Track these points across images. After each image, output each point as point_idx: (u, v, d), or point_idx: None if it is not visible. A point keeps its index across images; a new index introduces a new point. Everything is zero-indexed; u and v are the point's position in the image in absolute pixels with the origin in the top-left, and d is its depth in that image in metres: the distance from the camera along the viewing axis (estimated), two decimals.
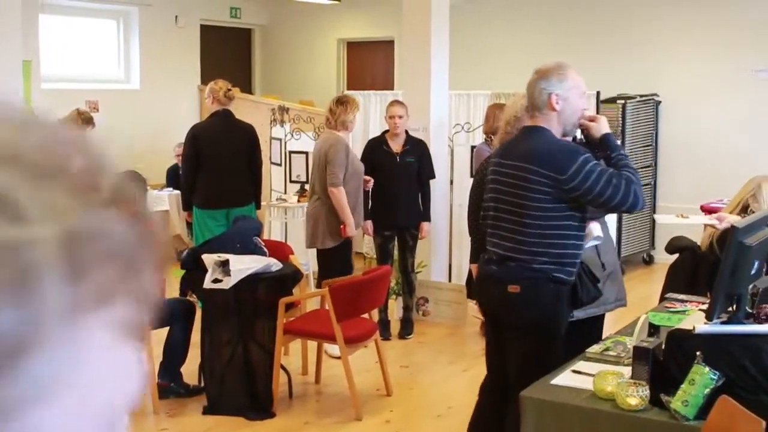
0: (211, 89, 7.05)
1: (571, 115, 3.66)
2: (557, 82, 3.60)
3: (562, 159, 3.53)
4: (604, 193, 3.53)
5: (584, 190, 3.53)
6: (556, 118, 3.62)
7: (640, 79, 10.04)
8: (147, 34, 11.84)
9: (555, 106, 3.59)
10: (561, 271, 3.59)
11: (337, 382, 5.84)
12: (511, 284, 3.60)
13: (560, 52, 10.47)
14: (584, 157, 3.55)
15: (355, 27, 12.94)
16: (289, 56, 13.57)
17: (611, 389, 3.00)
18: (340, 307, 5.19)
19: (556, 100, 3.59)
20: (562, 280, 3.61)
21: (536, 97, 3.63)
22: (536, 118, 3.68)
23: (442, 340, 6.99)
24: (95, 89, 11.27)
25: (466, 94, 9.14)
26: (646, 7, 10.13)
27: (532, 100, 3.67)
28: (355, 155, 6.64)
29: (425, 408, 5.50)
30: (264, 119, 10.41)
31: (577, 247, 3.65)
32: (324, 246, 6.42)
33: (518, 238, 3.59)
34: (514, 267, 3.59)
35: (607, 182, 3.52)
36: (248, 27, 13.76)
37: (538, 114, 3.66)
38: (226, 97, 7.04)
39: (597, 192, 3.53)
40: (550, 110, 3.60)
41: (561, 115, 3.62)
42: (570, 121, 3.68)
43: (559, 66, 3.65)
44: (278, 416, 5.25)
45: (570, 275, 3.63)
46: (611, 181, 3.53)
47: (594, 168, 3.54)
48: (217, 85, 7.05)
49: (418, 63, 7.65)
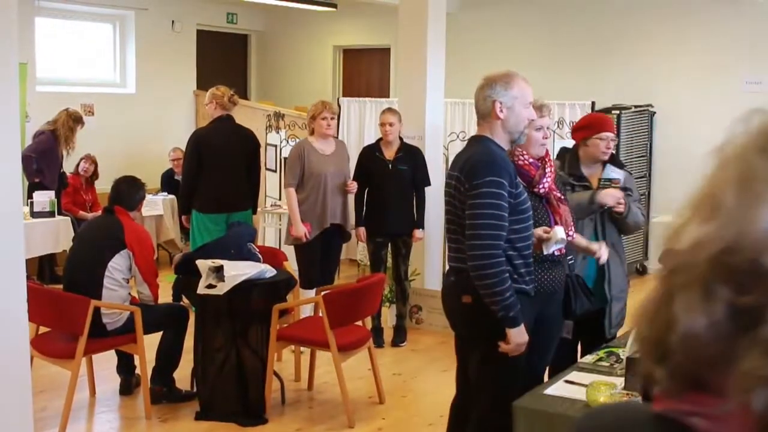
0: (213, 95, 7.09)
1: (516, 123, 3.59)
2: (502, 90, 3.56)
3: (476, 169, 3.47)
4: (476, 228, 3.43)
5: (469, 208, 3.46)
6: (500, 126, 3.59)
7: (635, 89, 10.07)
8: (143, 39, 11.84)
9: (498, 114, 3.56)
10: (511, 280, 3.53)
11: (329, 388, 5.84)
12: (464, 295, 3.57)
13: (556, 62, 10.52)
14: (498, 180, 3.44)
15: (351, 34, 12.96)
16: (285, 62, 13.58)
17: (604, 399, 3.00)
18: (334, 314, 5.19)
19: (500, 108, 3.55)
20: (515, 289, 3.53)
21: (481, 104, 3.61)
22: (480, 126, 3.66)
23: (435, 348, 6.98)
24: (91, 93, 11.26)
25: (461, 103, 9.15)
26: (641, 19, 10.16)
27: (476, 107, 3.64)
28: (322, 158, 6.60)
29: (418, 416, 5.50)
30: (260, 125, 10.41)
31: (524, 257, 3.56)
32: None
33: (463, 248, 3.56)
34: (466, 277, 3.54)
35: (487, 225, 3.42)
36: (245, 33, 13.77)
37: (483, 122, 3.63)
38: (231, 102, 7.11)
39: (473, 222, 3.44)
40: (494, 118, 3.58)
41: (506, 123, 3.58)
42: (516, 130, 3.61)
43: (507, 74, 3.61)
44: (270, 422, 5.25)
45: (525, 283, 3.55)
46: (490, 230, 3.42)
47: (495, 199, 3.43)
48: (219, 90, 7.11)
49: (414, 71, 7.66)
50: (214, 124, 7.09)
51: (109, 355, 5.67)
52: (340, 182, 6.67)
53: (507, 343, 3.46)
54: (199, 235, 7.01)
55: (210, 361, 5.29)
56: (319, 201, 6.56)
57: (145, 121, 11.36)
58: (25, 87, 9.15)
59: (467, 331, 3.70)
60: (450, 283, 3.70)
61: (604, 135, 4.53)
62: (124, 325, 5.23)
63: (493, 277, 3.41)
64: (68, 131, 9.08)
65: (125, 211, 5.43)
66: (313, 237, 6.56)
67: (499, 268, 3.42)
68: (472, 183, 3.44)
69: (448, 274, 3.74)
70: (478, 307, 3.51)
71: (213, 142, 6.99)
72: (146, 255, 5.38)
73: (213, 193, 7.00)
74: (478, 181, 3.43)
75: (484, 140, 3.60)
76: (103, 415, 5.44)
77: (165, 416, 5.34)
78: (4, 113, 4.09)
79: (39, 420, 4.96)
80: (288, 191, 6.61)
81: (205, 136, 7.07)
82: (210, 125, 7.15)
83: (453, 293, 3.66)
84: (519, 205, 3.51)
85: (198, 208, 7.07)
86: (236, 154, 7.04)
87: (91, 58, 11.65)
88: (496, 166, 3.48)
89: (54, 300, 5.15)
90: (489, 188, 3.42)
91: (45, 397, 5.50)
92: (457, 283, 3.63)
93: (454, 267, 3.68)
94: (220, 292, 5.08)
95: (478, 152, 3.56)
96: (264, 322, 5.29)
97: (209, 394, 5.31)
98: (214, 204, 7.03)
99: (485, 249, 3.41)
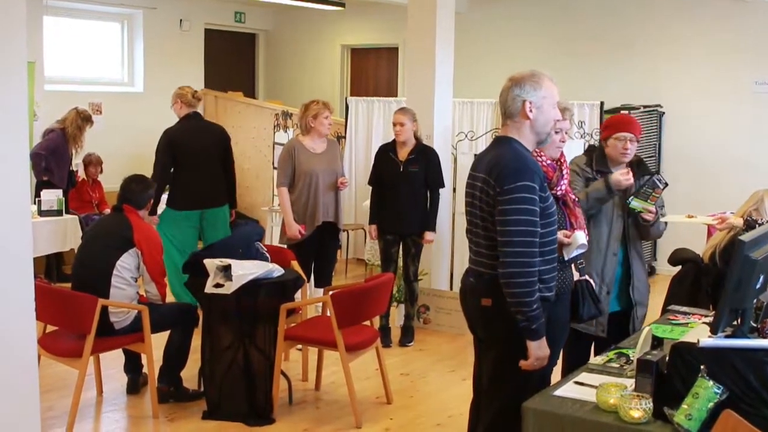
0: (177, 94, 7.24)
1: (544, 124, 3.54)
2: (531, 89, 3.50)
3: (508, 173, 3.39)
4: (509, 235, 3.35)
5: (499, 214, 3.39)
6: (528, 127, 3.53)
7: (644, 90, 10.04)
8: (151, 38, 11.85)
9: (528, 114, 3.50)
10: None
11: (337, 389, 5.83)
12: (484, 297, 3.54)
13: (565, 61, 10.49)
14: (530, 185, 3.37)
15: (359, 33, 12.95)
16: (293, 61, 13.57)
17: (614, 401, 2.98)
18: (342, 313, 5.18)
19: (530, 107, 3.49)
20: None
21: (509, 104, 3.53)
22: (507, 126, 3.57)
23: (443, 348, 6.97)
24: (98, 92, 11.28)
25: (469, 102, 9.13)
26: (650, 20, 10.14)
27: (505, 108, 3.56)
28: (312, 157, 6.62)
29: (425, 416, 5.48)
30: (267, 124, 10.43)
31: (548, 262, 3.50)
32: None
33: (486, 252, 3.52)
34: (487, 280, 3.50)
35: (520, 232, 3.35)
36: (252, 32, 13.77)
37: (510, 122, 3.55)
38: (195, 98, 7.26)
39: (505, 229, 3.37)
40: (524, 118, 3.51)
41: (534, 123, 3.52)
42: (543, 131, 3.56)
43: (535, 74, 3.54)
44: (278, 422, 5.23)
45: (548, 290, 3.50)
46: (523, 237, 3.34)
47: (528, 204, 3.35)
48: (183, 90, 7.26)
49: (423, 70, 7.64)
50: (183, 123, 7.19)
51: (115, 355, 5.66)
52: (331, 180, 6.69)
53: (527, 358, 3.42)
54: (169, 230, 7.04)
55: (217, 361, 5.28)
56: (310, 199, 6.59)
57: (153, 119, 11.33)
58: (33, 86, 9.16)
59: (485, 333, 3.67)
60: (470, 284, 3.65)
61: (621, 135, 4.54)
62: (131, 324, 5.23)
63: (523, 286, 3.35)
64: (77, 130, 9.11)
65: (134, 210, 5.43)
66: (307, 236, 6.58)
67: (530, 278, 3.36)
68: (503, 187, 3.37)
69: (468, 275, 3.69)
70: (497, 310, 3.47)
71: (185, 139, 7.08)
72: (155, 254, 5.38)
73: (188, 190, 7.10)
74: (509, 185, 3.36)
75: (510, 141, 3.53)
76: (110, 415, 5.43)
77: (172, 415, 5.34)
78: (13, 112, 4.08)
79: (46, 419, 4.96)
80: (280, 191, 6.64)
81: (177, 135, 7.13)
82: (179, 124, 7.23)
83: (472, 295, 3.62)
84: (546, 209, 3.45)
85: (171, 205, 7.16)
86: (209, 151, 7.15)
87: (99, 57, 11.67)
88: (528, 170, 3.41)
89: (61, 299, 5.14)
90: (521, 193, 3.35)
91: (52, 396, 5.50)
92: (476, 285, 3.59)
93: (473, 269, 3.64)
94: (227, 291, 5.07)
95: (507, 155, 3.48)
96: (271, 322, 5.28)
97: (216, 393, 5.30)
98: (188, 201, 7.13)
99: (518, 257, 3.35)
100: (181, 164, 7.06)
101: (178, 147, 7.04)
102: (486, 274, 3.52)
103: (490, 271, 3.49)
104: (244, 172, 10.93)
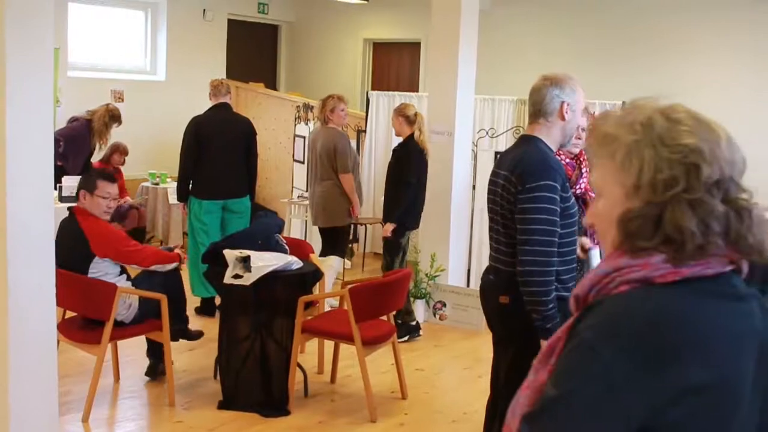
0: (210, 85, 7.41)
1: (572, 127, 3.58)
2: (570, 91, 3.53)
3: (531, 171, 3.42)
4: (529, 234, 3.38)
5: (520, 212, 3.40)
6: (560, 128, 3.55)
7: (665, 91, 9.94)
8: (174, 27, 11.87)
9: (565, 115, 3.52)
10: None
11: (352, 382, 5.84)
12: (502, 295, 3.55)
13: (586, 61, 10.45)
14: (552, 184, 3.39)
15: (381, 27, 12.94)
16: (315, 54, 13.58)
17: None
18: (359, 307, 5.18)
19: (567, 109, 3.52)
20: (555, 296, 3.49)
21: (547, 103, 3.53)
22: (538, 125, 3.58)
23: (459, 344, 6.97)
24: (121, 79, 11.32)
25: (491, 99, 9.10)
26: (673, 20, 10.08)
27: (541, 106, 3.56)
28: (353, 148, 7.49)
29: (440, 412, 5.48)
30: (288, 116, 10.42)
31: (567, 262, 3.51)
32: (334, 224, 7.28)
33: (506, 250, 3.53)
34: (506, 277, 3.52)
35: (540, 231, 3.36)
36: (275, 23, 13.78)
37: (544, 121, 3.56)
38: (226, 89, 7.35)
39: (526, 227, 3.38)
40: (560, 119, 3.53)
41: (567, 125, 3.55)
42: (570, 133, 3.59)
43: (570, 77, 3.57)
44: (293, 414, 5.25)
45: (567, 290, 3.48)
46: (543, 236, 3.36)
47: (549, 204, 3.38)
48: (215, 81, 7.47)
49: (445, 66, 7.62)
50: (212, 111, 7.26)
51: (132, 342, 5.69)
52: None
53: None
54: (196, 221, 7.15)
55: (234, 351, 5.30)
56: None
57: (174, 108, 11.38)
58: (57, 72, 9.19)
59: (503, 330, 3.67)
60: (489, 281, 3.67)
61: None
62: (140, 314, 5.25)
63: (541, 285, 3.36)
64: (103, 126, 9.16)
65: (82, 210, 5.35)
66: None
67: (548, 277, 3.37)
68: (525, 186, 3.39)
69: (488, 272, 3.71)
70: (514, 308, 3.48)
71: (211, 128, 7.13)
72: (120, 248, 5.28)
73: (210, 179, 7.13)
74: (531, 184, 3.38)
75: (535, 140, 3.55)
76: (126, 401, 5.46)
77: (188, 404, 5.36)
78: (40, 100, 4.10)
79: (63, 404, 4.99)
80: (348, 176, 7.21)
81: (203, 122, 7.18)
82: (207, 112, 7.30)
83: (492, 292, 3.63)
84: (567, 209, 3.46)
85: (195, 194, 7.18)
86: (233, 141, 7.19)
87: (122, 44, 11.71)
88: (551, 169, 3.43)
89: (81, 285, 5.16)
90: (543, 192, 3.37)
91: (69, 381, 5.53)
92: (496, 282, 3.60)
93: (493, 266, 3.65)
94: (246, 282, 5.09)
95: (531, 153, 3.50)
96: (289, 314, 5.29)
97: (232, 383, 5.31)
98: (211, 190, 7.15)
99: (537, 255, 3.36)
100: (205, 152, 7.08)
101: (203, 134, 7.08)
102: (504, 271, 3.52)
103: (509, 269, 3.49)
104: (263, 163, 10.92)
